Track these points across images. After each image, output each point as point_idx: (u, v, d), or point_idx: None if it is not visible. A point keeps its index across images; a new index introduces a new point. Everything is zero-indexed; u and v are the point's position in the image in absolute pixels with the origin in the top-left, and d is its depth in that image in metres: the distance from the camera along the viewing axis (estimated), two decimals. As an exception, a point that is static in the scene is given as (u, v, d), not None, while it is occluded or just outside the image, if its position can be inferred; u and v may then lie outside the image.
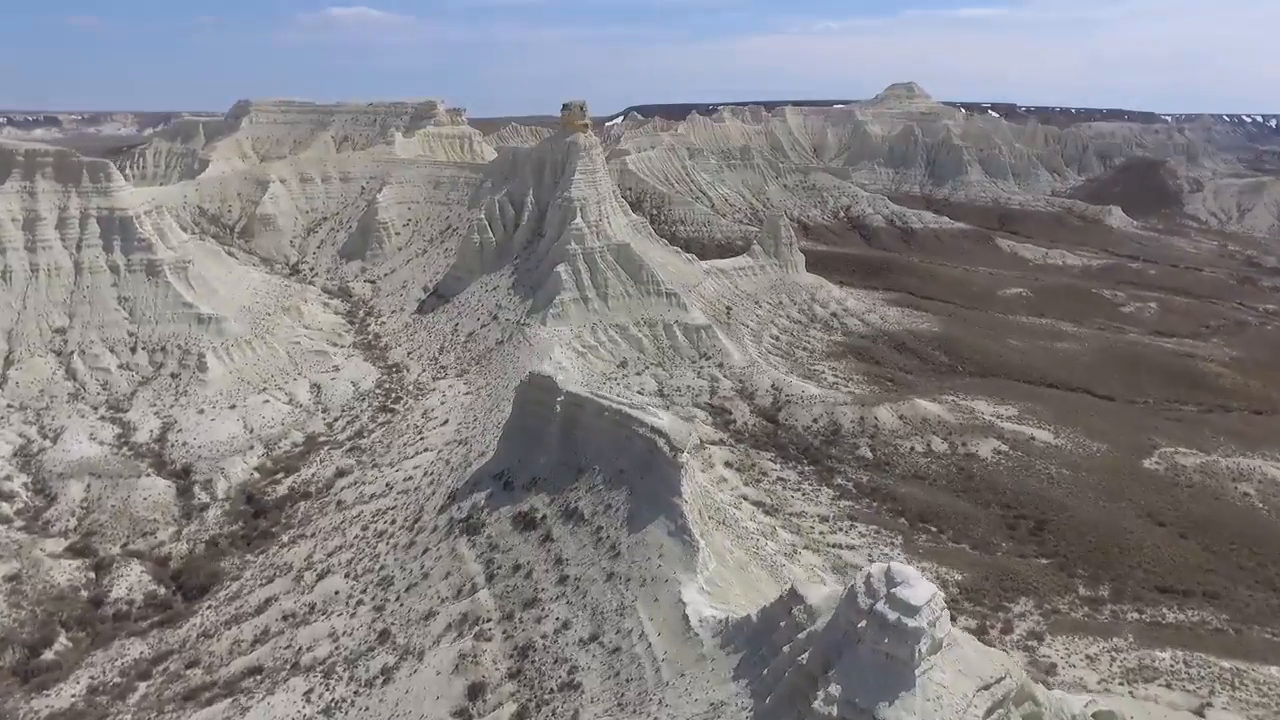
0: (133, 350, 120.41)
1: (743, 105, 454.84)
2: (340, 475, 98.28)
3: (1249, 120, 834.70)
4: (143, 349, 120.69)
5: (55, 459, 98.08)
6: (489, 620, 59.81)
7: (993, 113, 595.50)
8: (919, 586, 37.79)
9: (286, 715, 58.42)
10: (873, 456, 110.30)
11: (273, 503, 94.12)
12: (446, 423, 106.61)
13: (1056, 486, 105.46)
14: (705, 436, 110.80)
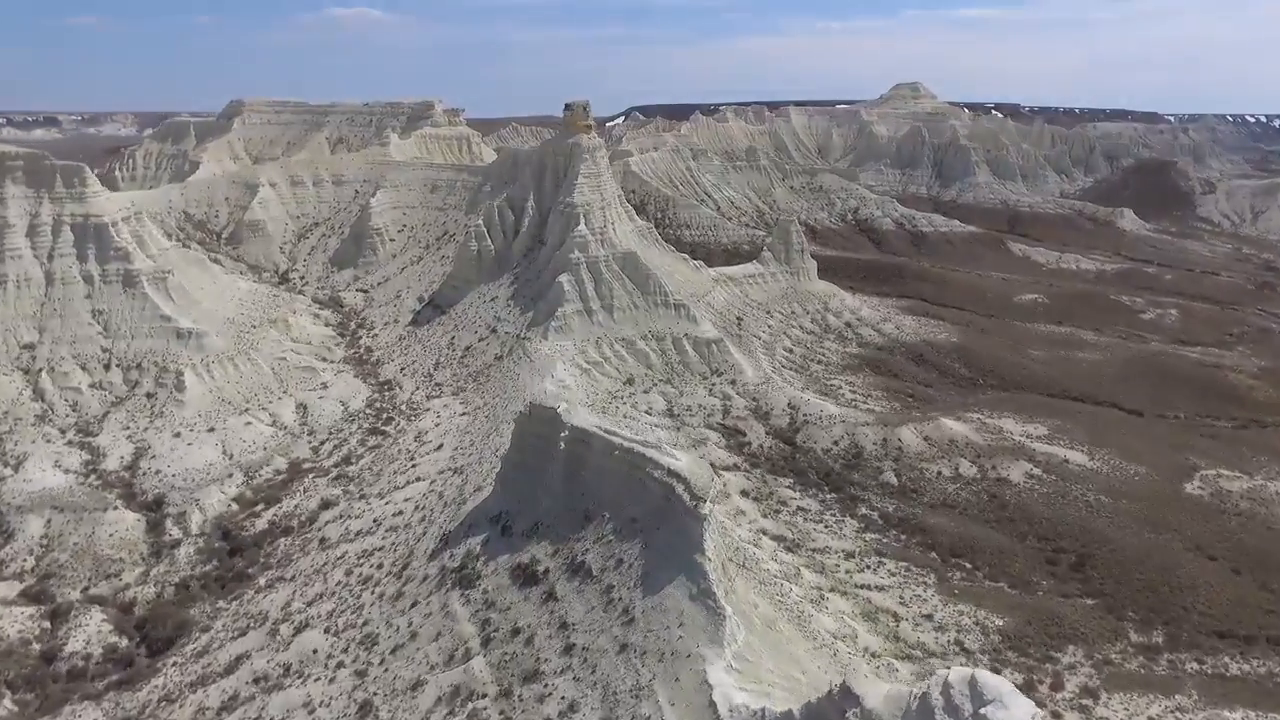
0: (106, 368, 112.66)
1: (745, 105, 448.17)
2: (325, 507, 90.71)
3: (1253, 120, 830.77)
4: (117, 366, 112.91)
5: (15, 490, 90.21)
6: (484, 696, 52.15)
7: (996, 113, 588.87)
8: (1015, 708, 30.36)
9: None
10: (898, 482, 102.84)
11: (250, 539, 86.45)
12: (441, 448, 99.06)
13: (1096, 515, 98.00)
14: (719, 461, 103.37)
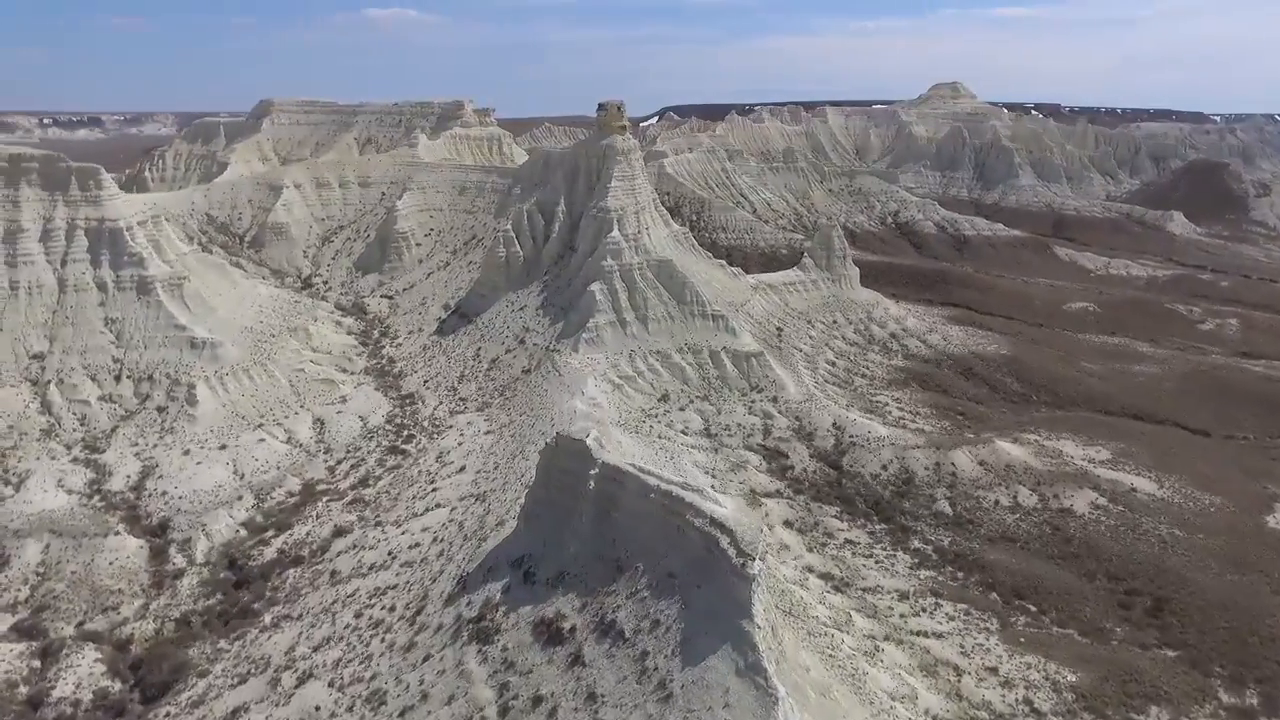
0: (117, 379, 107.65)
1: (781, 105, 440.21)
2: (339, 535, 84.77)
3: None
4: (128, 378, 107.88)
5: (14, 511, 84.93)
6: (501, 778, 46.01)
7: (1036, 113, 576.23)
8: None
9: None
10: (952, 512, 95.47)
11: (258, 570, 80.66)
12: (463, 470, 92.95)
13: (1171, 552, 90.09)
14: (760, 487, 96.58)
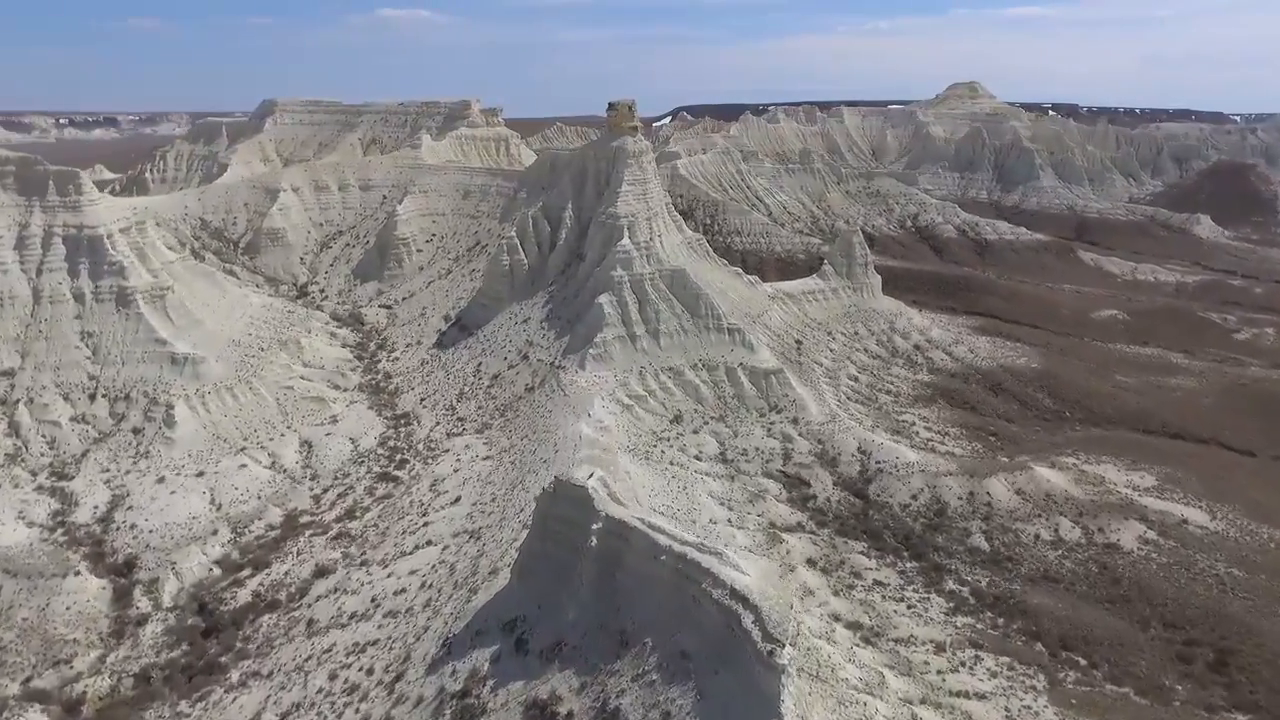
0: (91, 398, 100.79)
1: (796, 105, 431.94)
2: (320, 575, 77.54)
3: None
4: (103, 396, 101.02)
5: (-32, 549, 78.34)
6: None
7: (1054, 113, 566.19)
8: None
9: None
10: (989, 548, 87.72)
11: (229, 615, 73.54)
12: (458, 501, 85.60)
13: (1231, 596, 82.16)
14: (780, 520, 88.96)
